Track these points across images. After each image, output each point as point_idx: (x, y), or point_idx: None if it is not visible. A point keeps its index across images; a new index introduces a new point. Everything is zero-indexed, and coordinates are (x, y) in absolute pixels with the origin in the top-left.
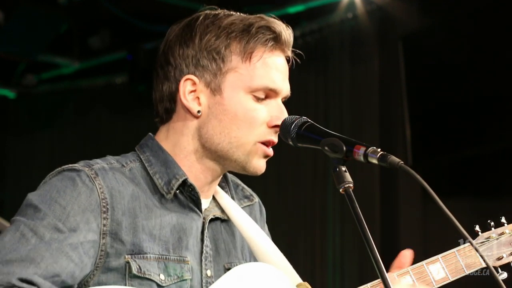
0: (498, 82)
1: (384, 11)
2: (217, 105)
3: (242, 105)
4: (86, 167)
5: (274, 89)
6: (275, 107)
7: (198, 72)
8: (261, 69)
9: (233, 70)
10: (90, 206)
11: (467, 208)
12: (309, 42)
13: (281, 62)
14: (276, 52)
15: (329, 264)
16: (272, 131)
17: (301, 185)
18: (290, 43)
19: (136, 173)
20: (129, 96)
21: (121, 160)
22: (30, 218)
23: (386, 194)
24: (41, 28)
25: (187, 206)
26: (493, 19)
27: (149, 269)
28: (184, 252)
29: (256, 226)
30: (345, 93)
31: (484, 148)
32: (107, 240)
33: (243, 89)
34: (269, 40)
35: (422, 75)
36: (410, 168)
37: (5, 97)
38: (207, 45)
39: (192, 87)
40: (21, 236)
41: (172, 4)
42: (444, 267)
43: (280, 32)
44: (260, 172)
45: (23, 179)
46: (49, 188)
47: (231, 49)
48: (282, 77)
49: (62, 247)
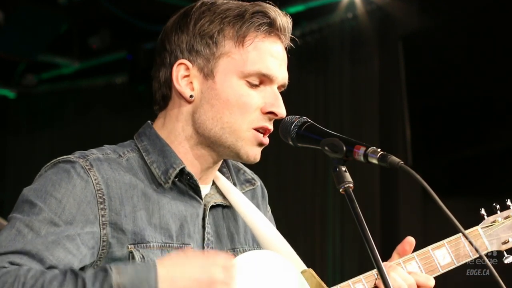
0: (498, 82)
1: (384, 11)
2: (209, 90)
3: (235, 90)
4: (81, 158)
5: (268, 74)
6: (269, 94)
7: (191, 57)
8: (254, 54)
9: (226, 54)
10: (86, 198)
11: (467, 208)
12: (309, 42)
13: (277, 49)
14: (271, 38)
15: (329, 264)
16: (265, 118)
17: (301, 185)
18: (287, 30)
19: (133, 163)
20: (129, 96)
21: (118, 150)
22: (26, 214)
23: (386, 194)
24: (41, 28)
25: (187, 193)
26: (493, 19)
27: (152, 258)
28: (186, 239)
29: (258, 212)
30: (345, 93)
31: (484, 148)
32: (108, 230)
33: (236, 74)
34: (262, 24)
35: (422, 75)
36: (410, 168)
37: (5, 97)
38: (200, 30)
39: (186, 72)
40: (17, 233)
41: (172, 4)
42: (450, 252)
43: (275, 17)
44: (254, 160)
45: (23, 179)
46: (44, 182)
47: (225, 33)
48: (277, 63)
49: (59, 239)
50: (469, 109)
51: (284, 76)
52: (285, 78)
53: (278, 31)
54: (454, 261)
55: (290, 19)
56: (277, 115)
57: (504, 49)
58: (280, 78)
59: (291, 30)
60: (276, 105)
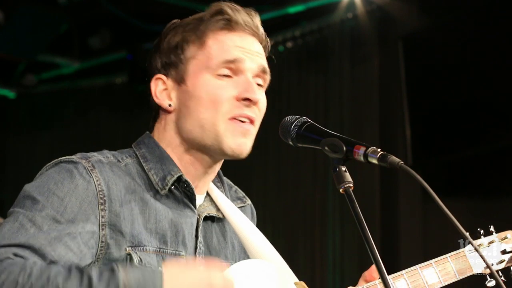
0: (498, 82)
1: (384, 11)
2: (183, 94)
3: (206, 87)
4: (83, 159)
5: (233, 59)
6: (242, 81)
7: (165, 71)
8: (215, 47)
9: (192, 58)
10: (87, 198)
11: (467, 208)
12: (309, 42)
13: (243, 40)
14: (236, 32)
15: (329, 264)
16: (242, 105)
17: (301, 185)
18: (251, 24)
19: (131, 169)
20: (129, 96)
21: (117, 155)
22: (28, 209)
23: (386, 194)
24: (41, 28)
25: (182, 201)
26: (493, 19)
27: (149, 262)
28: (180, 247)
29: (251, 224)
30: (345, 93)
31: (484, 148)
32: (107, 231)
33: (205, 71)
34: (220, 21)
35: (422, 75)
36: (410, 168)
37: (5, 97)
38: (168, 44)
39: (163, 86)
40: (20, 226)
41: (172, 4)
42: (437, 271)
43: (232, 14)
44: (240, 152)
45: (23, 179)
46: (46, 180)
47: (188, 40)
48: (244, 51)
49: (61, 236)
50: (469, 109)
51: (258, 65)
52: (259, 67)
53: (240, 25)
54: (441, 280)
55: (255, 14)
56: (251, 100)
57: (504, 49)
58: (251, 66)
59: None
60: (250, 91)
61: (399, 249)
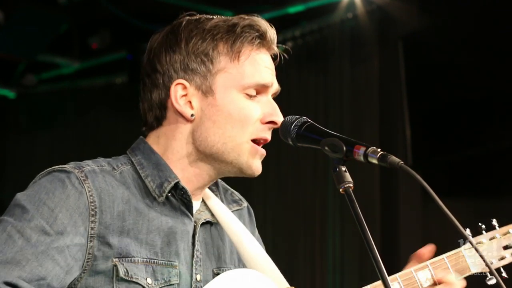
0: (498, 82)
1: (384, 11)
2: (210, 107)
3: (235, 104)
4: (76, 169)
5: (265, 84)
6: (266, 104)
7: (187, 76)
8: (250, 67)
9: (223, 70)
10: (79, 209)
11: (467, 208)
12: (309, 42)
13: (268, 59)
14: (263, 49)
15: (329, 264)
16: (265, 128)
17: (301, 185)
18: (275, 41)
19: (127, 176)
20: (129, 96)
21: (112, 162)
22: (18, 219)
23: (386, 194)
24: (41, 28)
25: (179, 209)
26: (493, 19)
27: (136, 273)
28: (173, 257)
29: (245, 230)
30: (345, 93)
31: (484, 148)
32: (95, 243)
33: (235, 88)
34: (255, 38)
35: (422, 75)
36: (410, 168)
37: (5, 97)
38: (194, 49)
39: (183, 92)
40: (8, 238)
41: (172, 4)
42: (433, 274)
43: (266, 30)
44: (257, 173)
45: (22, 179)
46: (38, 189)
47: (219, 50)
48: (270, 73)
49: (48, 251)
50: (469, 109)
51: (277, 85)
52: (277, 85)
53: (269, 42)
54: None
55: (274, 30)
56: (277, 123)
57: (504, 48)
58: (274, 86)
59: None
60: (275, 114)
61: (399, 249)
